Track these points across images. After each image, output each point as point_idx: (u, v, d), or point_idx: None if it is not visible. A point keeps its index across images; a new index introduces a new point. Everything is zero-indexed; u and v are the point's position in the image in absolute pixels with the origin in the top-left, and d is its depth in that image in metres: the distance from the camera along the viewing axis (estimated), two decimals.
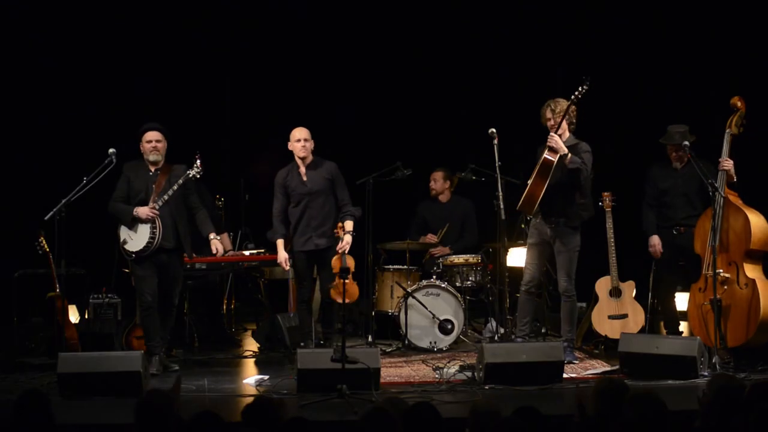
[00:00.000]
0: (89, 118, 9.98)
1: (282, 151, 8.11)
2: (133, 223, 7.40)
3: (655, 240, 8.07)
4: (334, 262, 7.83)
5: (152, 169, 7.54)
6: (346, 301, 7.56)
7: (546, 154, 7.52)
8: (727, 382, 4.62)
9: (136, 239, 7.40)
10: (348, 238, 7.84)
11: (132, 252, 7.41)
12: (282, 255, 7.95)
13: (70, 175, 7.46)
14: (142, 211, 7.35)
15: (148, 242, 7.34)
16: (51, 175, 9.35)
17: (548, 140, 7.52)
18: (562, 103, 7.65)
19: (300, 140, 7.93)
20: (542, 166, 7.54)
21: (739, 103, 7.64)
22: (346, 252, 7.84)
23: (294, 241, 8.00)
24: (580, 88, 7.49)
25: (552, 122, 7.63)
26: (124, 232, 7.45)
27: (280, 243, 7.97)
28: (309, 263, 8.05)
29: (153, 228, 7.34)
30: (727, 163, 7.55)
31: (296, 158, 7.99)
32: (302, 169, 7.98)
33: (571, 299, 7.79)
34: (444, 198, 9.62)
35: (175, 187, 7.38)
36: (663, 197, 8.08)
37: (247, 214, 9.59)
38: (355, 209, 8.07)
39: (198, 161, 7.42)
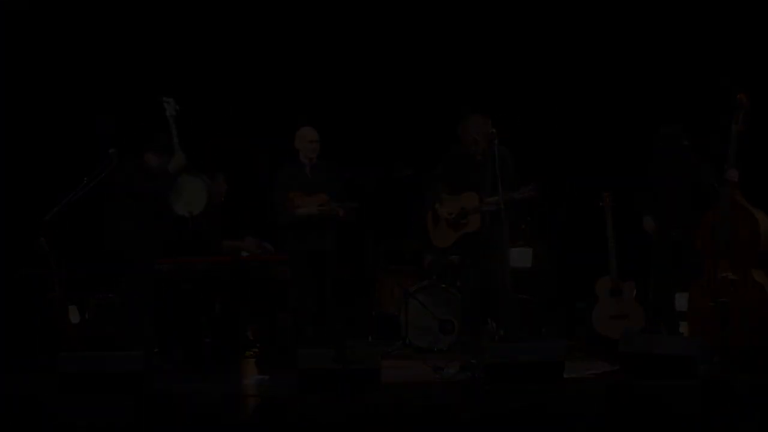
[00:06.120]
0: (89, 119, 9.97)
1: (282, 151, 8.10)
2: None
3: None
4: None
5: None
6: None
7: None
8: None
9: None
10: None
11: None
12: (318, 198, 7.84)
13: (70, 175, 7.45)
14: None
15: None
16: (51, 175, 9.34)
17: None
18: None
19: (311, 141, 7.96)
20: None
21: (744, 100, 7.52)
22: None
23: (292, 239, 7.95)
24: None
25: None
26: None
27: (300, 209, 7.88)
28: (307, 263, 8.00)
29: None
30: (734, 175, 7.38)
31: (302, 157, 8.00)
32: (308, 168, 7.99)
33: None
34: None
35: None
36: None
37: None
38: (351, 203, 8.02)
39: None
